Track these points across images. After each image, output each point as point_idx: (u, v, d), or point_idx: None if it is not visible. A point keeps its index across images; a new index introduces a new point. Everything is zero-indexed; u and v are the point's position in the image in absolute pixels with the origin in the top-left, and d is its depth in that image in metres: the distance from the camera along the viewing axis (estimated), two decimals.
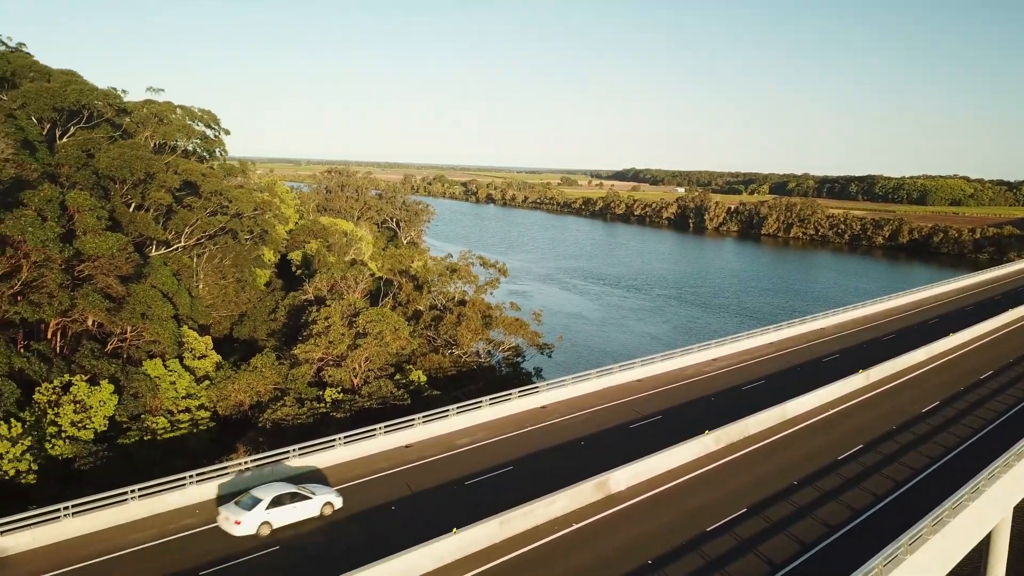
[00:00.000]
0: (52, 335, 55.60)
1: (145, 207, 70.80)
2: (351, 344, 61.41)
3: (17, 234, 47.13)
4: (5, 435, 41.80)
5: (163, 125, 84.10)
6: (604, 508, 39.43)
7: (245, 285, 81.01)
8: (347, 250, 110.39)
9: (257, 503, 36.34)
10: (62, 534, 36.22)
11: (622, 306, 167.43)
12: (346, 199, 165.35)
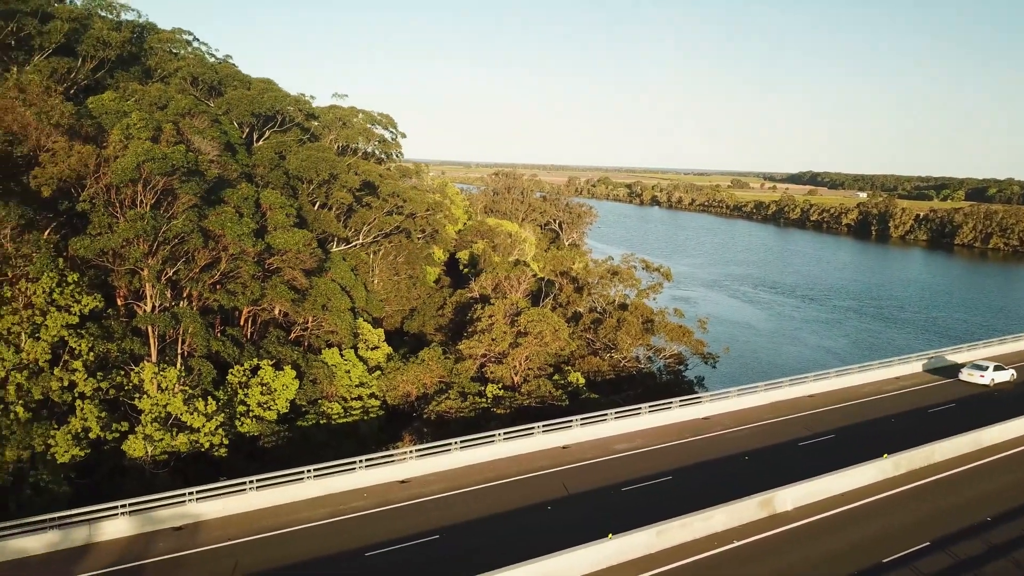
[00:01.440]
0: (244, 322, 60.75)
1: (328, 206, 75.72)
2: (512, 342, 62.42)
3: (218, 228, 51.81)
4: (202, 411, 46.10)
5: (346, 129, 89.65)
6: (768, 527, 37.43)
7: (416, 281, 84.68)
8: (511, 250, 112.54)
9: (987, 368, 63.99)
10: (247, 505, 39.37)
11: (795, 317, 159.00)
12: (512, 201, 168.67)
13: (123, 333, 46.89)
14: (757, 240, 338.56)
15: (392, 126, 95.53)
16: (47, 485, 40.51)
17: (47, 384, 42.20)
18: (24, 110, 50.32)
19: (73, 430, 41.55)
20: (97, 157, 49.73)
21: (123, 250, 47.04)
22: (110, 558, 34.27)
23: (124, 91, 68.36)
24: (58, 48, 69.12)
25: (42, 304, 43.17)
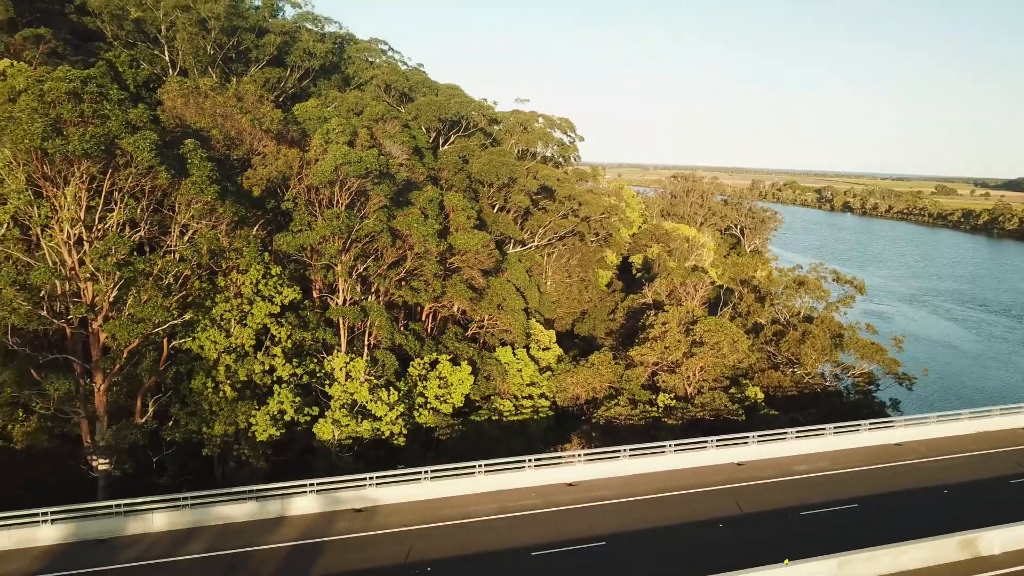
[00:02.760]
0: (425, 317, 63.54)
1: (507, 208, 77.49)
2: (686, 352, 60.72)
3: (405, 228, 54.50)
4: (385, 400, 48.67)
5: (526, 133, 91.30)
6: (968, 571, 33.78)
7: (588, 284, 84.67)
8: (688, 256, 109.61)
9: None
10: (421, 494, 41.06)
11: (1008, 339, 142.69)
12: (690, 205, 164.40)
13: (317, 323, 50.45)
14: (965, 252, 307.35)
15: (571, 130, 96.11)
16: (248, 459, 44.45)
17: (251, 367, 46.25)
18: (241, 117, 55.52)
19: (271, 411, 45.25)
20: (300, 160, 53.91)
21: (320, 246, 50.59)
22: (297, 531, 36.98)
23: (325, 98, 73.71)
24: (270, 60, 75.78)
25: (249, 294, 47.38)
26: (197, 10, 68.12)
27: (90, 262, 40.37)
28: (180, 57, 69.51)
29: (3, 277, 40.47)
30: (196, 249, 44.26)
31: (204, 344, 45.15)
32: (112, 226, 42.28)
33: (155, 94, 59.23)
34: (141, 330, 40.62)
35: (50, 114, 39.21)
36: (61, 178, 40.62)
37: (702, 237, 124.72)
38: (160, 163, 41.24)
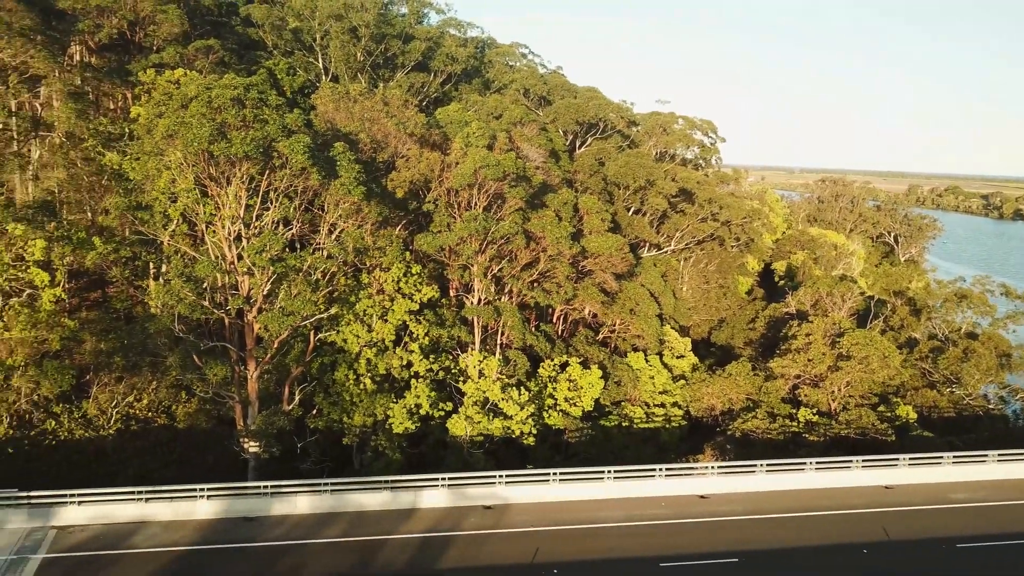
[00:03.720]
0: (556, 319, 63.63)
1: (642, 211, 76.30)
2: (832, 366, 57.45)
3: (539, 231, 54.83)
4: (516, 400, 49.13)
5: (665, 135, 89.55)
6: None
7: (727, 291, 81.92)
8: (835, 264, 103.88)
9: None
10: (549, 495, 41.12)
11: None
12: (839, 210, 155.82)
13: (453, 321, 51.63)
14: None
15: (712, 131, 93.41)
16: (384, 450, 46.09)
17: (390, 361, 47.95)
18: (387, 121, 57.72)
19: (408, 405, 46.73)
20: (441, 163, 55.35)
21: (458, 247, 51.74)
22: (428, 524, 37.95)
23: (466, 102, 75.40)
24: (415, 65, 78.39)
25: (391, 291, 49.17)
26: (349, 19, 71.48)
27: (247, 257, 43.14)
28: (332, 64, 73.21)
29: (172, 269, 44.11)
30: (343, 247, 46.33)
31: (347, 337, 47.25)
32: (268, 224, 45.04)
33: (309, 99, 62.68)
34: (291, 322, 42.98)
35: (216, 119, 42.19)
36: (224, 178, 43.69)
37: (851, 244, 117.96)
38: (312, 165, 43.48)
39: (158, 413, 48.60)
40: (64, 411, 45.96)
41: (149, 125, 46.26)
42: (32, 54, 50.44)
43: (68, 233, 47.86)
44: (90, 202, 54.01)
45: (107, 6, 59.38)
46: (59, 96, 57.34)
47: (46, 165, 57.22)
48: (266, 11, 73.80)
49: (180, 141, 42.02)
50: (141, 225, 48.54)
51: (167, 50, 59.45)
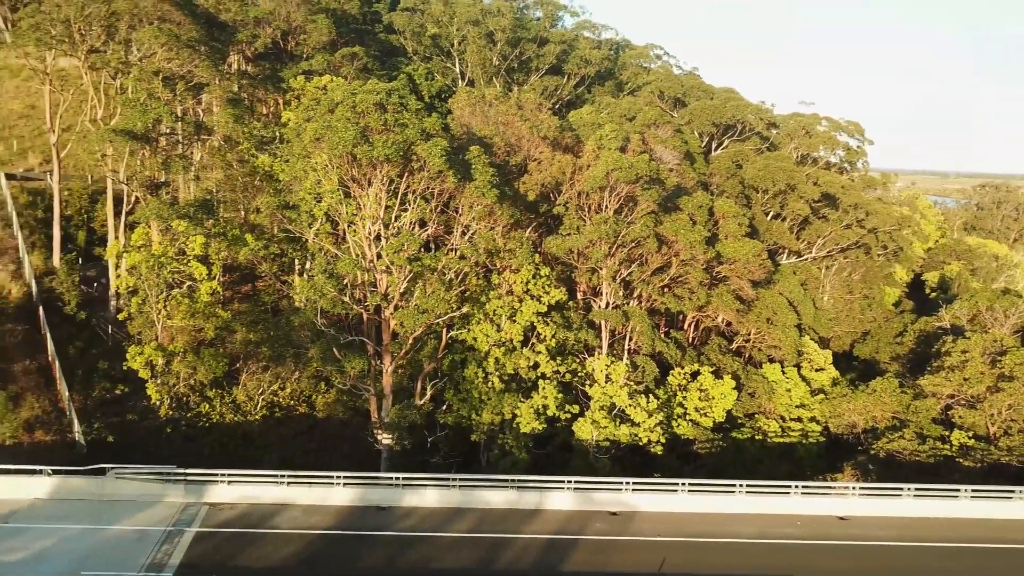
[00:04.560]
0: (687, 326, 62.01)
1: (782, 216, 73.20)
2: (991, 386, 52.85)
3: (672, 234, 53.66)
4: (644, 407, 48.29)
5: (808, 137, 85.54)
6: None
7: (872, 303, 77.14)
8: (996, 277, 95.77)
9: None
10: (677, 506, 40.11)
11: None
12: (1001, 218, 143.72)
13: (580, 324, 51.39)
14: None
15: (858, 133, 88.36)
16: (511, 449, 46.48)
17: (518, 361, 48.32)
18: (520, 124, 58.24)
19: (535, 405, 46.92)
20: (573, 166, 55.24)
21: (587, 250, 51.46)
22: (553, 526, 37.89)
23: (599, 105, 74.90)
24: (549, 68, 78.76)
25: (520, 292, 49.56)
26: (486, 24, 72.74)
27: (386, 256, 44.70)
28: (469, 68, 74.77)
29: (316, 266, 46.32)
30: (475, 248, 47.14)
31: (477, 336, 48.02)
32: (405, 224, 46.50)
33: (446, 103, 64.26)
34: (425, 319, 44.15)
35: (360, 123, 43.97)
36: (366, 180, 45.45)
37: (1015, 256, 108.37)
38: (449, 168, 44.49)
39: (299, 402, 51.28)
40: (216, 396, 49.30)
41: (298, 129, 48.86)
42: (197, 64, 54.40)
43: (224, 230, 51.31)
44: (243, 201, 57.62)
45: (263, 17, 63.27)
46: (219, 102, 61.62)
47: (206, 166, 61.67)
48: (407, 18, 76.37)
49: (326, 144, 44.06)
50: (289, 223, 51.30)
51: (316, 57, 62.60)
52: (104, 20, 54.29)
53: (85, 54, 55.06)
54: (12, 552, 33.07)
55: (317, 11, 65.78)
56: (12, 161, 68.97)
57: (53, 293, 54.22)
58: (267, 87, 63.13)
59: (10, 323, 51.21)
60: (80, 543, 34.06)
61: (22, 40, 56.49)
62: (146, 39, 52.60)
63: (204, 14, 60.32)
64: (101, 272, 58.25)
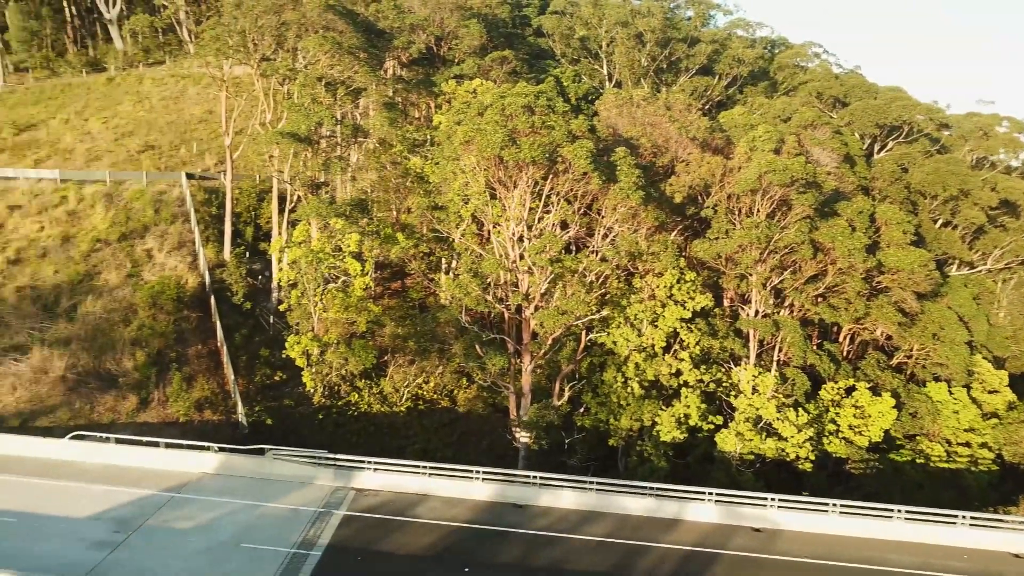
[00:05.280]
0: (842, 339, 58.44)
1: (953, 224, 67.65)
2: None
3: (828, 241, 50.78)
4: (793, 421, 45.98)
5: (985, 139, 78.53)
6: None
7: None
8: None
9: None
10: (827, 527, 37.89)
11: None
12: None
13: (726, 332, 49.65)
14: None
15: None
16: (649, 457, 45.60)
17: (659, 368, 47.35)
18: (668, 125, 57.11)
19: (676, 414, 45.78)
20: (723, 168, 53.47)
21: (736, 255, 49.64)
22: (693, 537, 36.79)
23: (751, 105, 72.27)
24: (699, 68, 76.84)
25: (663, 297, 48.54)
26: (635, 25, 72.01)
27: (528, 257, 45.10)
28: (617, 70, 74.29)
29: (462, 265, 47.44)
30: (617, 251, 46.65)
31: (617, 340, 47.48)
32: (548, 226, 46.74)
33: (593, 105, 64.08)
34: (565, 321, 44.14)
35: (508, 126, 44.60)
36: (512, 182, 46.07)
37: None
38: (593, 169, 44.29)
39: (442, 396, 52.71)
40: (365, 386, 51.55)
41: (448, 132, 50.21)
42: (356, 69, 57.14)
43: (377, 229, 53.61)
44: (396, 201, 59.94)
45: (419, 24, 65.65)
46: (375, 106, 64.45)
47: (361, 168, 64.65)
48: (556, 21, 76.89)
49: (475, 147, 45.02)
50: (437, 224, 52.93)
51: (466, 62, 64.23)
52: (275, 30, 58.18)
53: (257, 62, 59.21)
54: (183, 520, 35.99)
55: (469, 17, 67.50)
56: (192, 162, 75.26)
57: (223, 284, 58.61)
58: (420, 91, 65.39)
59: (187, 310, 55.84)
60: (241, 517, 36.57)
61: (204, 50, 61.56)
62: (311, 47, 55.81)
63: (364, 22, 63.29)
64: (265, 266, 62.43)
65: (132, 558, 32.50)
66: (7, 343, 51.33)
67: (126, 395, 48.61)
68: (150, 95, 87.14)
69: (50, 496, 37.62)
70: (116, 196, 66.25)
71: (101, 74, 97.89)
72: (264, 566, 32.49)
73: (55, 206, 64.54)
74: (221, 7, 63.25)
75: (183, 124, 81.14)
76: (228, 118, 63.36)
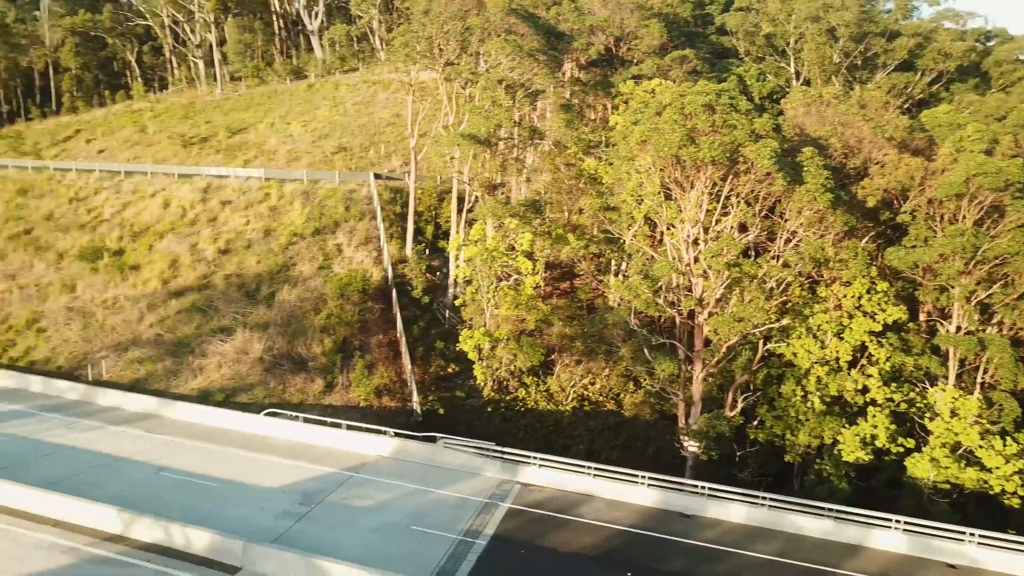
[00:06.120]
0: None
1: None
2: None
3: None
4: (999, 451, 41.39)
5: None
6: None
7: None
8: None
9: None
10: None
11: None
12: None
13: (921, 349, 45.64)
14: None
15: None
16: (829, 477, 42.77)
17: (843, 383, 44.33)
18: (862, 124, 53.31)
19: (861, 433, 42.63)
20: (924, 170, 49.20)
21: (936, 265, 45.50)
22: (876, 565, 34.17)
23: (958, 103, 65.93)
24: (899, 64, 71.22)
25: (850, 308, 45.39)
26: (827, 19, 67.95)
27: (703, 260, 43.74)
28: (805, 68, 70.47)
29: (633, 266, 46.89)
30: (801, 256, 44.18)
31: (797, 351, 44.98)
32: (725, 228, 45.11)
33: (778, 104, 61.17)
34: (740, 328, 42.39)
35: (686, 125, 43.51)
36: (688, 183, 44.92)
37: None
38: (778, 170, 42.22)
39: (607, 398, 52.35)
40: (533, 383, 52.24)
41: (624, 132, 49.76)
42: (536, 72, 58.09)
43: (549, 229, 54.23)
44: (568, 202, 60.32)
45: (598, 25, 65.65)
46: (552, 108, 65.24)
47: (536, 169, 65.67)
48: (740, 18, 74.16)
49: (651, 146, 44.29)
50: (609, 224, 52.65)
51: (645, 62, 63.43)
52: (459, 35, 60.36)
53: (442, 67, 61.70)
54: (360, 499, 38.13)
55: (649, 16, 66.63)
56: (379, 163, 79.82)
57: (404, 278, 61.63)
58: (597, 92, 65.38)
59: (370, 302, 59.22)
60: (412, 501, 38.21)
61: (394, 57, 65.14)
62: (493, 50, 57.38)
63: (544, 25, 64.20)
64: (443, 262, 64.96)
65: (314, 530, 34.85)
66: (216, 325, 56.86)
67: (314, 378, 52.29)
68: (344, 100, 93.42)
69: (246, 466, 41.20)
70: (312, 194, 71.56)
71: (302, 81, 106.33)
72: (432, 549, 33.71)
73: (260, 202, 70.73)
74: (411, 15, 66.49)
75: (373, 127, 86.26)
76: (413, 121, 66.50)
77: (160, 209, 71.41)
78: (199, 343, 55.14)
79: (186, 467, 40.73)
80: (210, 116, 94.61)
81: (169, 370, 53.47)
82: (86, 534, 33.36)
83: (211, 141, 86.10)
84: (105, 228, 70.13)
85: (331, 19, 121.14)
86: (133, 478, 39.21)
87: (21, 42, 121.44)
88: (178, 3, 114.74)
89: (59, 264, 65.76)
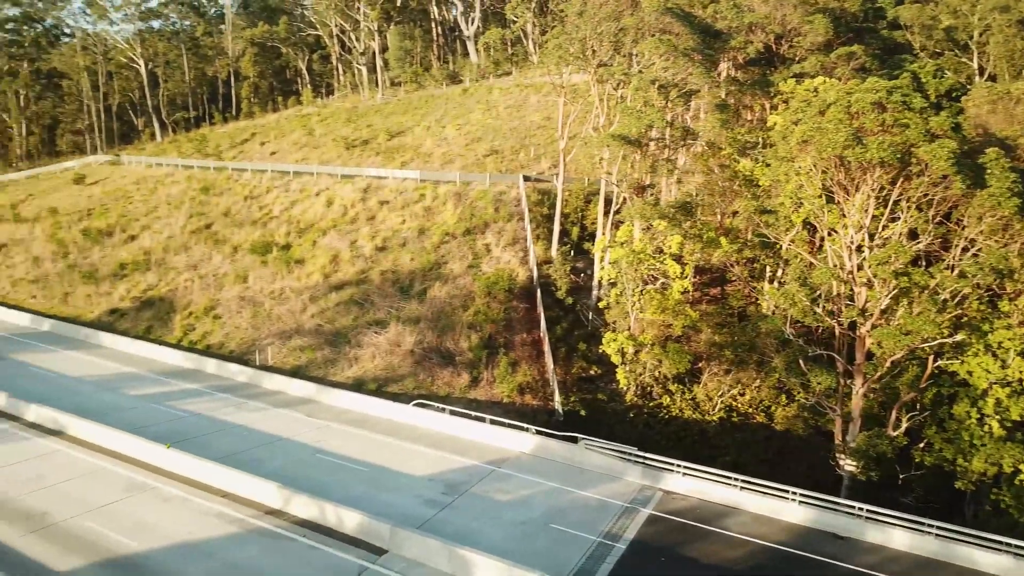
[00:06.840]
0: None
1: None
2: None
3: None
4: None
5: None
6: None
7: None
8: None
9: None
10: None
11: None
12: None
13: None
14: None
15: None
16: (1008, 508, 38.91)
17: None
18: None
19: None
20: None
21: None
22: None
23: None
24: None
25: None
26: (1018, 9, 62.03)
27: (868, 268, 41.04)
28: (991, 63, 64.71)
29: (790, 273, 44.65)
30: (980, 267, 40.46)
31: (973, 370, 41.22)
32: (893, 235, 42.11)
33: (957, 103, 56.49)
34: (907, 342, 39.40)
35: (853, 124, 40.97)
36: (853, 185, 42.30)
37: None
38: (956, 172, 38.94)
39: (757, 410, 50.26)
40: (678, 391, 51.01)
41: (784, 132, 47.58)
42: (690, 71, 56.68)
43: (700, 232, 52.72)
44: (721, 205, 58.46)
45: (758, 22, 63.22)
46: (707, 108, 63.46)
47: (688, 171, 64.13)
48: (917, 11, 69.11)
49: (813, 147, 42.11)
50: (764, 228, 50.49)
51: (808, 59, 60.36)
52: (612, 36, 60.03)
53: (594, 68, 61.58)
54: (502, 493, 38.68)
55: (814, 12, 63.35)
56: (528, 165, 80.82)
57: (548, 279, 62.02)
58: (754, 92, 62.92)
59: (516, 301, 60.04)
60: (552, 499, 38.30)
61: (547, 59, 65.67)
62: (647, 50, 56.53)
63: (700, 24, 62.57)
64: (587, 264, 64.82)
65: (457, 519, 35.69)
66: (371, 318, 59.63)
67: (460, 372, 53.65)
68: (497, 104, 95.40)
69: (394, 453, 42.88)
70: (463, 195, 73.56)
71: (458, 86, 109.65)
72: (571, 549, 33.62)
73: (415, 202, 73.56)
74: (564, 17, 66.84)
75: (523, 130, 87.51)
76: (564, 123, 66.80)
77: (324, 207, 75.88)
78: (355, 334, 58.03)
79: (340, 450, 42.93)
80: (371, 120, 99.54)
81: (327, 359, 56.62)
82: (251, 506, 35.89)
83: (372, 143, 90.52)
84: (274, 224, 75.41)
85: (487, 24, 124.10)
86: (293, 458, 41.81)
87: (208, 53, 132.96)
88: (345, 13, 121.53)
89: (234, 256, 71.34)
